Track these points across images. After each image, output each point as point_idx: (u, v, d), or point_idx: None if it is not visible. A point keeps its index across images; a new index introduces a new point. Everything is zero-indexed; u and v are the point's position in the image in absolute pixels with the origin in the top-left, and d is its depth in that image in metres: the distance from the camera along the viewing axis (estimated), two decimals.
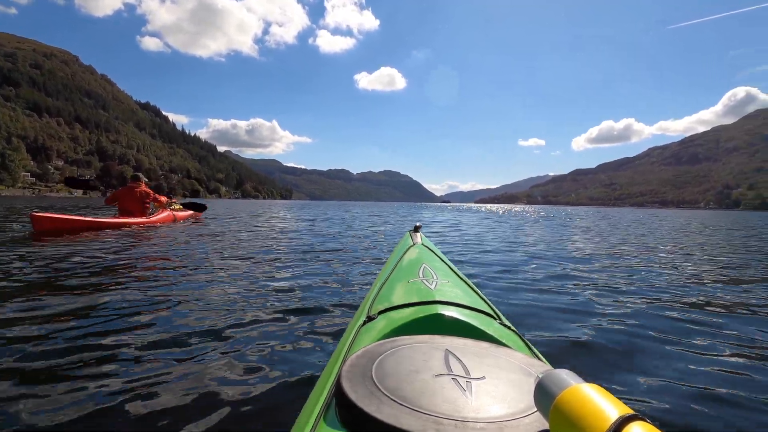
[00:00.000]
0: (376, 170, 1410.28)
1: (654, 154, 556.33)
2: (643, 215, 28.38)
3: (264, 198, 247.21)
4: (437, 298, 0.91)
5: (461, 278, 1.27)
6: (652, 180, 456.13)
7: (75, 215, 5.95)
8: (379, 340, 0.76)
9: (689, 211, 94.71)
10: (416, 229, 2.08)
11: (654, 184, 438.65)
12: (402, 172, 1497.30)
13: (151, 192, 7.47)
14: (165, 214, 7.79)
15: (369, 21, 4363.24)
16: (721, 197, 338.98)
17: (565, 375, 0.42)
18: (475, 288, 1.21)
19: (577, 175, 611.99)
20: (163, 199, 7.89)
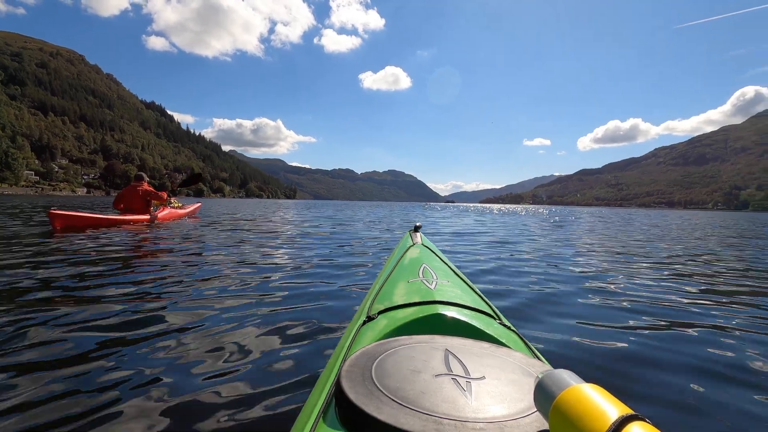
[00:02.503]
0: (381, 170, 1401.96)
1: (661, 154, 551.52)
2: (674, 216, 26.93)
3: (268, 197, 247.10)
4: (437, 298, 0.91)
5: (461, 278, 1.28)
6: (659, 180, 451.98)
7: (87, 213, 6.47)
8: (378, 340, 0.76)
9: (699, 212, 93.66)
10: (416, 228, 2.06)
11: (661, 184, 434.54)
12: (406, 172, 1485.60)
13: (152, 189, 7.73)
14: (166, 212, 8.23)
15: (374, 20, 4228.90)
16: (729, 198, 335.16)
17: (565, 375, 0.42)
18: (475, 288, 1.22)
19: (583, 175, 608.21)
20: (163, 194, 8.03)
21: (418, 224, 2.10)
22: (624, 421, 0.33)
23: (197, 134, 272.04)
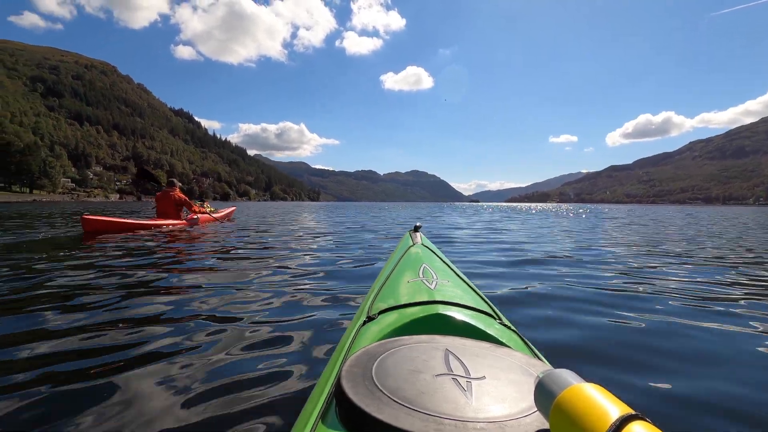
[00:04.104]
0: (403, 170, 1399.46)
1: (696, 148, 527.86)
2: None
3: (292, 200, 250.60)
4: (437, 298, 0.91)
5: (461, 278, 1.29)
6: (694, 175, 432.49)
7: (119, 218, 6.59)
8: (379, 340, 0.76)
9: (740, 207, 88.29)
10: (416, 228, 2.08)
11: (697, 179, 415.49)
12: (429, 172, 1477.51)
13: (183, 197, 7.95)
14: (198, 216, 8.45)
15: (395, 21, 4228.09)
16: None
17: (565, 375, 0.42)
18: (475, 288, 1.22)
19: (613, 171, 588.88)
20: (196, 208, 8.35)
21: (418, 224, 2.11)
22: (625, 420, 0.33)
23: (223, 139, 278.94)
